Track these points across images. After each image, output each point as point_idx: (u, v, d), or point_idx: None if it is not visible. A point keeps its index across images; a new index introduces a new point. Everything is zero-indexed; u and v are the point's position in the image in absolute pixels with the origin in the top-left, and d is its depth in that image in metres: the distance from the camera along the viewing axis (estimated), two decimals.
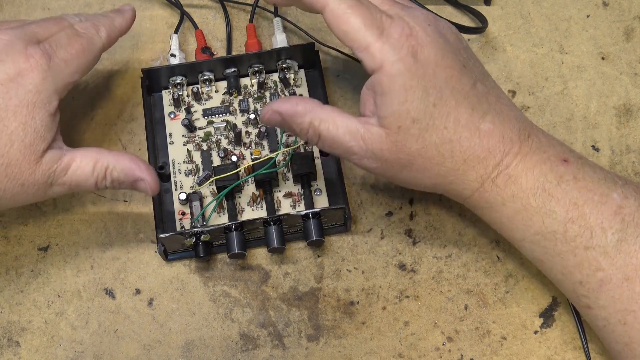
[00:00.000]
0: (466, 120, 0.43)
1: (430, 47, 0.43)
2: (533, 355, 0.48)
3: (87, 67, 0.48)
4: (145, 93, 0.55)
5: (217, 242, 0.50)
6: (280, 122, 0.46)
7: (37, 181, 0.44)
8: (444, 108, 0.42)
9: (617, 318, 0.42)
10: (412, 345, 0.48)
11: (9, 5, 0.60)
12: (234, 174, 0.50)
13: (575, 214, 0.42)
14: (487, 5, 0.59)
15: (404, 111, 0.42)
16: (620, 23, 0.58)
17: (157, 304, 0.50)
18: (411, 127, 0.42)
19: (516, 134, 0.44)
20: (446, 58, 0.43)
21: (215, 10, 0.60)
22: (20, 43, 0.45)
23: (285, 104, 0.45)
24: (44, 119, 0.44)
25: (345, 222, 0.51)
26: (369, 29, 0.42)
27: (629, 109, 0.55)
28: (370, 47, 0.42)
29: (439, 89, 0.42)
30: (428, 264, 0.51)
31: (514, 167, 0.43)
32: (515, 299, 0.49)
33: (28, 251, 0.52)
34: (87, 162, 0.45)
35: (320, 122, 0.44)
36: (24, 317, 0.50)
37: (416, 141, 0.43)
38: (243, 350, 0.48)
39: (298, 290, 0.50)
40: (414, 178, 0.45)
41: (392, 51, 0.42)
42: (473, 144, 0.43)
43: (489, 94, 0.44)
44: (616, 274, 0.41)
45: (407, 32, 0.43)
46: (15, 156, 0.43)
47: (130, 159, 0.46)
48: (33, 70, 0.44)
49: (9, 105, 0.43)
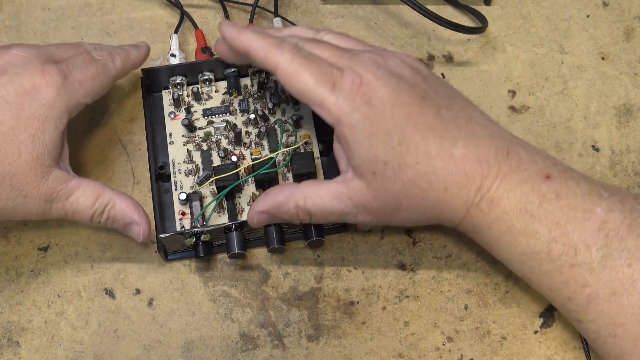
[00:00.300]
0: (437, 150, 0.43)
1: (383, 90, 0.43)
2: (533, 355, 0.48)
3: (99, 91, 0.49)
4: (145, 93, 0.55)
5: (217, 242, 0.50)
6: (270, 219, 0.47)
7: (40, 196, 0.45)
8: (411, 144, 0.43)
9: (607, 331, 0.42)
10: (412, 345, 0.48)
11: (9, 5, 0.60)
12: (234, 174, 0.50)
13: (558, 233, 0.42)
14: (487, 5, 0.59)
15: (372, 156, 0.43)
16: (620, 23, 0.58)
17: (157, 304, 0.50)
18: (385, 170, 0.43)
19: (492, 155, 0.43)
20: (402, 95, 0.43)
21: (215, 10, 0.60)
22: (38, 60, 0.46)
23: (266, 201, 0.46)
24: (53, 134, 0.45)
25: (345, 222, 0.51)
26: (321, 85, 0.43)
27: (629, 109, 0.55)
28: (324, 102, 0.43)
29: (400, 128, 0.43)
30: (428, 264, 0.51)
31: (495, 189, 0.43)
32: (515, 299, 0.49)
33: (28, 251, 0.52)
34: (90, 194, 0.46)
35: (304, 200, 0.45)
36: (24, 317, 0.50)
37: (394, 182, 0.43)
38: (243, 350, 0.48)
39: (298, 290, 0.50)
40: (407, 218, 0.45)
41: (346, 103, 0.43)
42: (450, 172, 0.43)
43: (458, 118, 0.44)
44: (603, 289, 0.41)
45: (358, 81, 0.43)
46: (22, 167, 0.44)
47: (131, 202, 0.48)
48: (48, 86, 0.45)
49: (21, 116, 0.44)
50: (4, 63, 0.46)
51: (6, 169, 0.44)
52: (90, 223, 0.47)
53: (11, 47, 0.47)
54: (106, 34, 0.59)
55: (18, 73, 0.45)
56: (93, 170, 0.54)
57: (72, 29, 0.59)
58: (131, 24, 0.59)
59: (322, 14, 0.60)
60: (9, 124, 0.44)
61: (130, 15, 0.60)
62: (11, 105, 0.44)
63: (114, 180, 0.54)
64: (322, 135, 0.53)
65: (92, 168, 0.54)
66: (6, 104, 0.44)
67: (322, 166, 0.52)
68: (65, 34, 0.59)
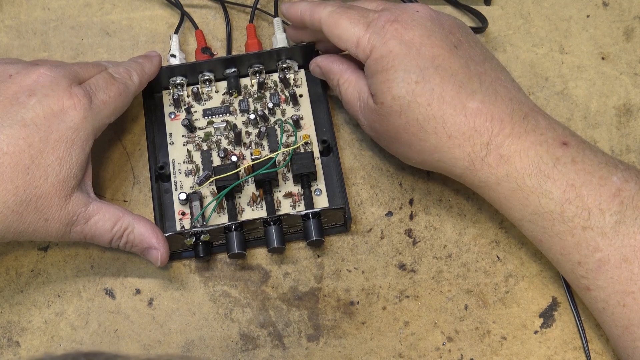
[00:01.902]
0: (451, 97, 0.44)
1: (415, 29, 0.45)
2: (533, 355, 0.48)
3: (121, 110, 0.50)
4: (146, 93, 0.55)
5: (217, 242, 0.50)
6: (320, 74, 0.52)
7: (61, 220, 0.45)
8: (427, 85, 0.44)
9: (616, 299, 0.42)
10: (412, 345, 0.48)
11: (8, 5, 0.60)
12: (234, 174, 0.50)
13: (573, 195, 0.42)
14: (487, 5, 0.59)
15: (385, 89, 0.45)
16: (620, 23, 0.58)
17: (157, 304, 0.50)
18: (392, 103, 0.45)
19: (508, 115, 0.44)
20: (433, 38, 0.45)
21: (215, 10, 0.60)
22: (65, 81, 0.46)
23: (325, 60, 0.51)
24: (80, 157, 0.46)
25: (345, 222, 0.51)
26: (357, 25, 0.47)
27: (629, 109, 0.55)
28: (359, 39, 0.46)
29: (422, 68, 0.44)
30: (428, 264, 0.51)
31: (507, 147, 0.44)
32: (515, 299, 0.49)
33: (28, 251, 0.52)
34: (110, 218, 0.47)
35: (344, 82, 0.49)
36: (24, 317, 0.50)
37: (399, 117, 0.45)
38: (243, 350, 0.48)
39: (298, 290, 0.50)
40: (403, 152, 0.48)
41: (376, 37, 0.46)
42: (458, 121, 0.44)
43: (484, 75, 0.45)
44: (614, 255, 0.42)
45: (392, 19, 0.46)
46: (48, 190, 0.44)
47: (150, 226, 0.48)
48: (75, 109, 0.46)
49: (49, 139, 0.44)
50: (32, 83, 0.46)
51: (33, 192, 0.44)
52: (109, 246, 0.48)
53: (38, 65, 0.47)
54: (106, 34, 0.59)
55: (46, 95, 0.45)
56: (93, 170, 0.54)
57: (72, 29, 0.59)
58: (131, 24, 0.59)
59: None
60: (37, 147, 0.44)
61: (130, 15, 0.60)
62: (40, 128, 0.44)
63: (114, 180, 0.54)
64: (322, 135, 0.53)
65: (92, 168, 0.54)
66: (35, 126, 0.44)
67: (322, 166, 0.52)
68: (65, 34, 0.59)
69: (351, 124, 0.55)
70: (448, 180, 0.52)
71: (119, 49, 0.58)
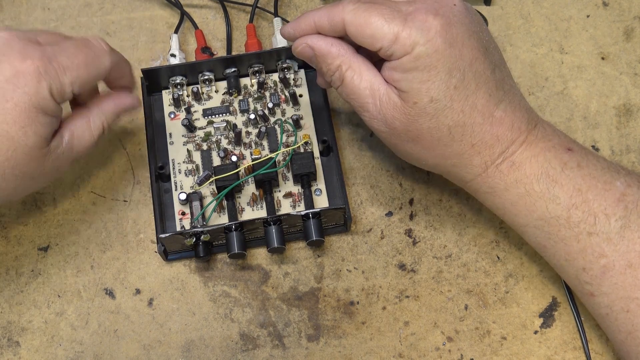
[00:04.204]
0: (482, 105, 0.43)
1: (459, 25, 0.43)
2: (533, 355, 0.48)
3: (87, 80, 0.45)
4: (145, 93, 0.55)
5: (217, 242, 0.50)
6: (310, 57, 0.46)
7: (47, 171, 0.45)
8: (464, 91, 0.43)
9: (620, 306, 0.42)
10: (412, 345, 0.48)
11: (8, 5, 0.60)
12: (234, 174, 0.50)
13: (579, 200, 0.42)
14: (487, 5, 0.59)
15: (423, 89, 0.42)
16: (620, 23, 0.58)
17: (157, 304, 0.50)
18: (428, 105, 0.43)
19: (525, 124, 0.44)
20: (472, 39, 0.43)
21: (215, 10, 0.60)
22: (19, 42, 0.43)
23: (320, 41, 0.45)
24: (44, 120, 0.43)
25: (345, 222, 0.51)
26: (392, 22, 0.42)
27: (629, 109, 0.55)
28: (399, 36, 0.42)
29: (463, 72, 0.42)
30: (428, 264, 0.51)
31: (519, 154, 0.44)
32: (515, 299, 0.49)
33: (28, 251, 0.52)
34: (84, 131, 0.47)
35: (348, 68, 0.45)
36: (24, 317, 0.50)
37: (430, 120, 0.43)
38: (243, 350, 0.48)
39: (298, 290, 0.50)
40: (417, 153, 0.45)
41: (419, 32, 0.42)
42: (484, 130, 0.43)
43: (504, 82, 0.45)
44: (619, 260, 0.41)
45: (433, 12, 0.42)
46: (21, 158, 0.43)
47: (113, 101, 0.48)
48: (29, 71, 0.42)
49: (6, 108, 0.42)
50: None
51: (5, 164, 0.43)
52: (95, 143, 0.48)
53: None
54: (106, 34, 0.59)
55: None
56: (93, 170, 0.54)
57: (72, 29, 0.59)
58: (131, 24, 0.59)
59: None
60: None
61: (130, 15, 0.60)
62: None
63: (114, 180, 0.54)
64: (322, 135, 0.53)
65: (92, 168, 0.54)
66: None
67: (322, 166, 0.52)
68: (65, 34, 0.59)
69: (351, 124, 0.55)
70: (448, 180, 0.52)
71: (119, 49, 0.58)
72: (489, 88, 0.43)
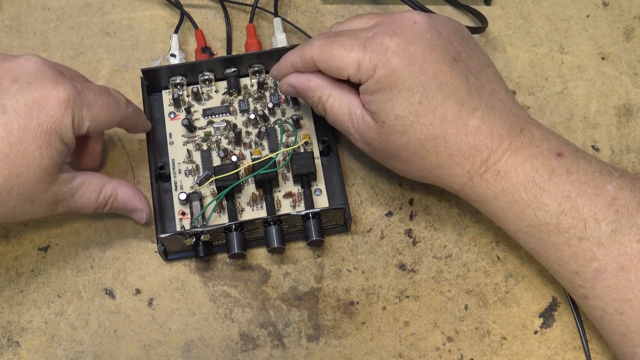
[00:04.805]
0: (453, 116, 0.43)
1: (416, 43, 0.44)
2: (533, 355, 0.48)
3: (103, 123, 0.47)
4: (145, 93, 0.55)
5: (217, 242, 0.50)
6: (295, 94, 0.49)
7: (47, 201, 0.45)
8: (430, 104, 0.43)
9: (614, 307, 0.42)
10: (412, 345, 0.48)
11: (8, 5, 0.60)
12: (234, 174, 0.50)
13: (568, 206, 0.42)
14: (487, 5, 0.59)
15: (388, 108, 0.44)
16: (620, 23, 0.58)
17: (157, 304, 0.50)
18: (395, 123, 0.44)
19: (506, 131, 0.44)
20: (434, 53, 0.44)
21: (215, 10, 0.60)
22: (53, 71, 0.46)
23: (299, 78, 0.48)
24: (60, 147, 0.45)
25: (345, 222, 0.51)
26: (352, 50, 0.45)
27: (629, 109, 0.55)
28: (360, 62, 0.44)
29: (425, 86, 0.43)
30: (428, 264, 0.51)
31: (504, 162, 0.44)
32: (515, 299, 0.49)
33: (28, 251, 0.52)
34: (94, 190, 0.48)
35: (328, 97, 0.47)
36: (24, 317, 0.50)
37: (400, 136, 0.44)
38: (243, 350, 0.48)
39: (298, 290, 0.50)
40: (401, 168, 0.47)
41: (377, 55, 0.44)
42: (459, 140, 0.44)
43: (482, 89, 0.45)
44: (611, 263, 0.41)
45: (391, 33, 0.44)
46: (30, 177, 0.44)
47: (131, 190, 0.50)
48: (58, 97, 0.44)
49: (29, 127, 0.43)
50: (18, 68, 0.45)
51: (14, 180, 0.43)
52: (93, 213, 0.49)
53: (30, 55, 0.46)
54: (106, 34, 0.59)
55: (30, 82, 0.44)
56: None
57: (72, 29, 0.59)
58: (131, 24, 0.59)
59: (322, 14, 0.60)
60: (16, 135, 0.43)
61: (130, 15, 0.60)
62: (19, 115, 0.43)
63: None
64: (322, 135, 0.53)
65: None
66: (14, 113, 0.43)
67: (322, 166, 0.52)
68: (65, 34, 0.59)
69: None
70: None
71: (119, 49, 0.58)
72: (460, 97, 0.44)
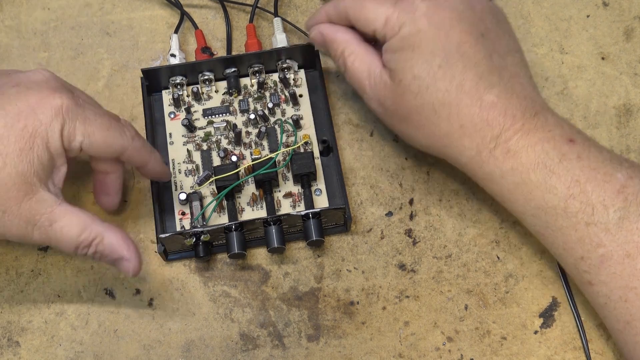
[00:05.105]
0: (470, 87, 0.44)
1: (447, 10, 0.45)
2: (533, 355, 0.48)
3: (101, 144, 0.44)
4: (145, 93, 0.55)
5: (217, 242, 0.50)
6: (322, 43, 0.50)
7: (20, 216, 0.42)
8: (450, 70, 0.44)
9: (618, 295, 0.42)
10: (412, 345, 0.48)
11: (9, 5, 0.60)
12: (234, 174, 0.50)
13: (577, 191, 0.43)
14: None
15: (407, 67, 0.44)
16: (620, 23, 0.58)
17: (157, 304, 0.50)
18: (411, 83, 0.44)
19: (521, 112, 0.44)
20: (463, 23, 0.44)
21: (215, 10, 0.60)
22: (56, 82, 0.45)
23: (328, 28, 0.49)
24: (42, 154, 0.42)
25: (345, 222, 0.51)
26: (383, 5, 0.46)
27: (629, 109, 0.55)
28: (389, 18, 0.45)
29: (447, 53, 0.44)
30: (428, 264, 0.51)
31: (515, 142, 0.44)
32: (515, 299, 0.49)
33: (28, 251, 0.52)
34: (77, 224, 0.43)
35: (351, 53, 0.48)
36: (24, 317, 0.50)
37: (414, 97, 0.45)
38: (243, 350, 0.48)
39: (298, 290, 0.50)
40: (410, 133, 0.47)
41: (406, 14, 0.45)
42: (472, 112, 0.44)
43: (504, 69, 0.45)
44: (617, 250, 0.42)
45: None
46: (5, 179, 0.42)
47: (121, 236, 0.44)
48: (51, 104, 0.43)
49: (15, 127, 0.42)
50: (24, 77, 0.45)
51: None
52: (75, 253, 0.44)
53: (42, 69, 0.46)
54: (106, 34, 0.59)
55: (29, 88, 0.43)
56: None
57: (72, 29, 0.59)
58: (131, 24, 0.59)
59: None
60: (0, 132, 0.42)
61: (130, 15, 0.60)
62: (8, 113, 0.42)
63: None
64: (322, 135, 0.53)
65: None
66: (3, 111, 0.42)
67: (322, 166, 0.52)
68: (65, 34, 0.59)
69: (351, 124, 0.55)
70: (448, 180, 0.52)
71: (119, 49, 0.58)
72: (480, 71, 0.44)
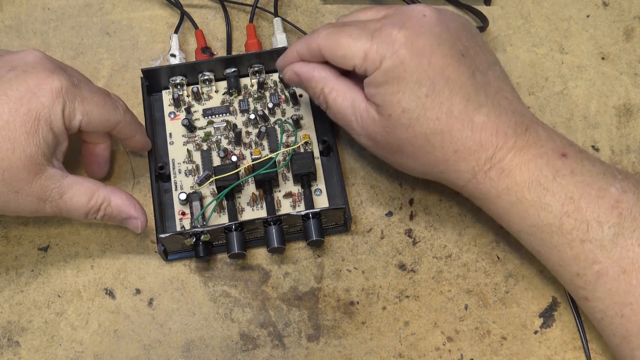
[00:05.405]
0: (459, 111, 0.43)
1: (427, 35, 0.43)
2: (533, 355, 0.48)
3: (98, 120, 0.47)
4: (145, 93, 0.55)
5: (217, 242, 0.50)
6: (298, 83, 0.49)
7: (33, 193, 0.45)
8: (437, 98, 0.43)
9: (614, 310, 0.42)
10: (412, 345, 0.48)
11: (9, 5, 0.60)
12: (234, 174, 0.50)
13: (571, 208, 0.42)
14: (487, 5, 0.59)
15: (395, 101, 0.44)
16: (620, 23, 0.58)
17: (157, 304, 0.50)
18: (401, 116, 0.44)
19: (512, 128, 0.44)
20: (442, 46, 0.44)
21: (215, 10, 0.60)
22: (51, 63, 0.46)
23: (304, 67, 0.47)
24: (47, 135, 0.45)
25: (345, 222, 0.51)
26: (359, 39, 0.44)
27: (629, 109, 0.55)
28: (368, 53, 0.44)
29: (433, 80, 0.43)
30: (428, 264, 0.51)
31: (508, 160, 0.43)
32: (515, 299, 0.49)
33: (28, 251, 0.52)
34: (85, 192, 0.47)
35: (331, 90, 0.47)
36: (24, 317, 0.50)
37: (406, 130, 0.44)
38: (243, 350, 0.48)
39: (298, 290, 0.50)
40: (404, 163, 0.47)
41: (385, 46, 0.43)
42: (464, 135, 0.44)
43: (489, 86, 0.45)
44: (613, 266, 0.41)
45: (399, 25, 0.44)
46: (15, 163, 0.44)
47: (126, 197, 0.48)
48: (51, 87, 0.45)
49: (19, 112, 0.44)
50: (18, 59, 0.46)
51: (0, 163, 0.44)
52: (85, 220, 0.48)
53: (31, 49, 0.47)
54: (106, 34, 0.59)
55: (26, 71, 0.45)
56: None
57: (72, 29, 0.59)
58: (131, 24, 0.59)
59: (322, 14, 0.60)
60: (5, 118, 0.44)
61: (130, 15, 0.60)
62: (10, 99, 0.44)
63: (114, 180, 0.54)
64: (322, 135, 0.53)
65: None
66: (5, 97, 0.44)
67: (322, 166, 0.52)
68: (65, 34, 0.59)
69: None
70: None
71: (119, 49, 0.58)
72: (466, 93, 0.43)
